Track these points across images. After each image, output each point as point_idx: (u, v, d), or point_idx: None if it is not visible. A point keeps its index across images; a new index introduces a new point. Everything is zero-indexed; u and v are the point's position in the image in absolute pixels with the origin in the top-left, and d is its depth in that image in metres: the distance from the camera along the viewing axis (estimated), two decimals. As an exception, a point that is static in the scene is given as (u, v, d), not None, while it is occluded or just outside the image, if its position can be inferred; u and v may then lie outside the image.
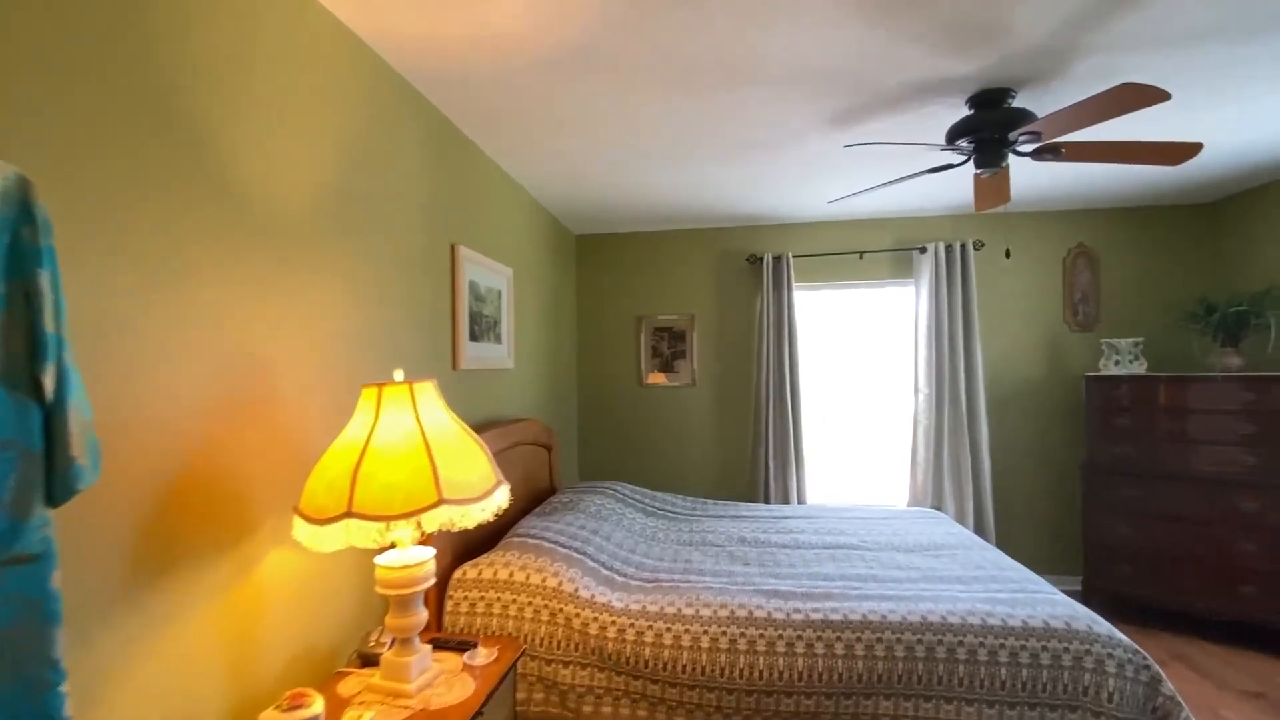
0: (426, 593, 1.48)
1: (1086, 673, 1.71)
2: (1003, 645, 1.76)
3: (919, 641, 1.79)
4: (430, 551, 1.47)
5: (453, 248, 2.40)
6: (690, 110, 2.37)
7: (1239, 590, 3.02)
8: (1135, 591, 3.32)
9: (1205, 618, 3.12)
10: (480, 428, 2.52)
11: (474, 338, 2.55)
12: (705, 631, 1.87)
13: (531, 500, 2.99)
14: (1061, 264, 4.03)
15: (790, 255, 4.06)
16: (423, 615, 1.46)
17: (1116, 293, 3.94)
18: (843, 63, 2.01)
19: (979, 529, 3.82)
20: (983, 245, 3.97)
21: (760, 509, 3.21)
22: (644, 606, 1.95)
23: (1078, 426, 3.91)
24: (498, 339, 2.83)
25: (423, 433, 1.32)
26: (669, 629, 1.88)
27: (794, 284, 4.07)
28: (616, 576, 2.16)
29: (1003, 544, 3.95)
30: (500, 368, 2.88)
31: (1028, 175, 3.26)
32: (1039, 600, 1.95)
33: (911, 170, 3.07)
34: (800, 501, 4.00)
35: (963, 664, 1.75)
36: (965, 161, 2.37)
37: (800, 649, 1.82)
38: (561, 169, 3.03)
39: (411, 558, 1.43)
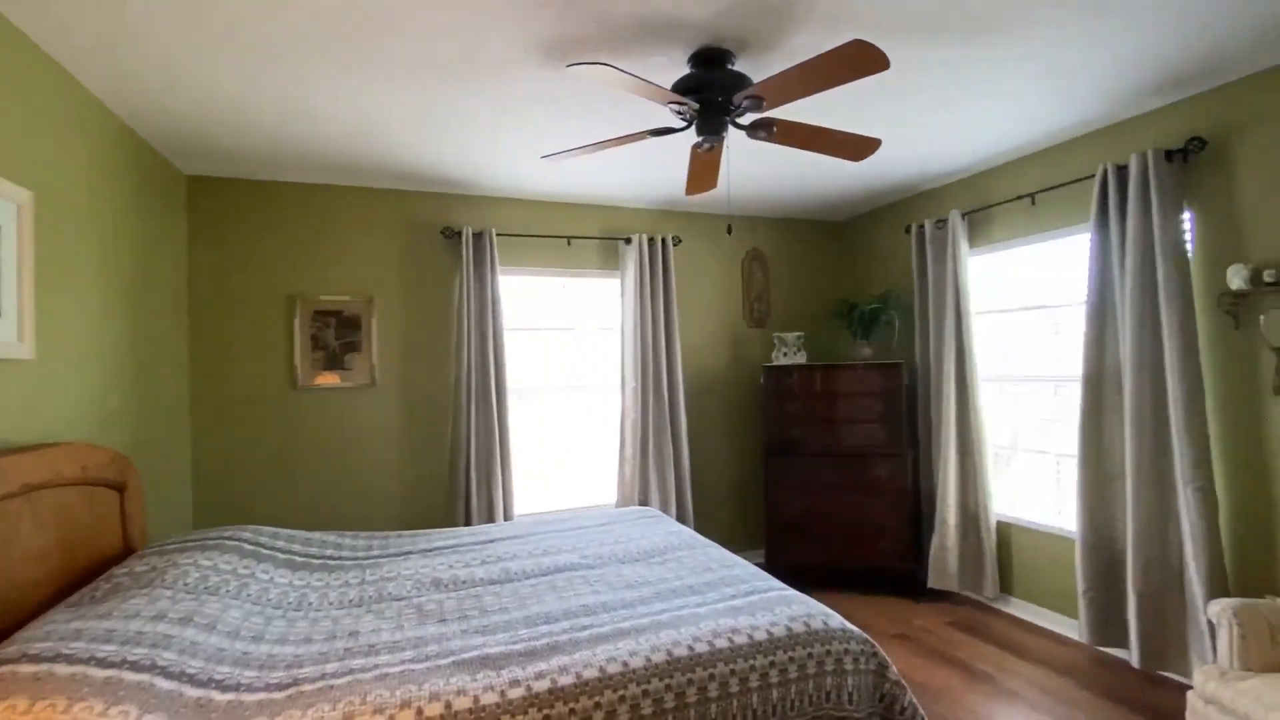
0: None
1: (828, 676, 1.57)
2: (753, 668, 1.51)
3: (668, 688, 1.42)
4: None
5: None
6: (352, -21, 1.64)
7: (878, 545, 3.56)
8: (806, 558, 3.69)
9: (857, 572, 3.61)
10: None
11: (-96, 297, 1.35)
12: (375, 758, 1.19)
13: (74, 580, 1.81)
14: (740, 265, 4.36)
15: (494, 232, 3.52)
16: None
17: (783, 292, 4.43)
18: (565, -48, 1.56)
19: (680, 518, 3.85)
20: (680, 241, 4.04)
21: (462, 535, 2.58)
22: (264, 743, 1.17)
23: (759, 413, 4.26)
24: (-16, 306, 1.62)
25: None
26: (310, 771, 1.14)
27: (499, 266, 3.54)
28: (216, 695, 1.30)
29: (702, 529, 4.07)
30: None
31: (718, 181, 3.36)
32: (774, 600, 1.79)
33: (626, 133, 2.83)
34: (508, 516, 3.48)
35: (715, 703, 1.45)
36: (687, 126, 2.17)
37: (522, 742, 1.28)
38: (140, 53, 1.94)
39: None
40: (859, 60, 1.62)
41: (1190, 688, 2.43)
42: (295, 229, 3.29)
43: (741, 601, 1.79)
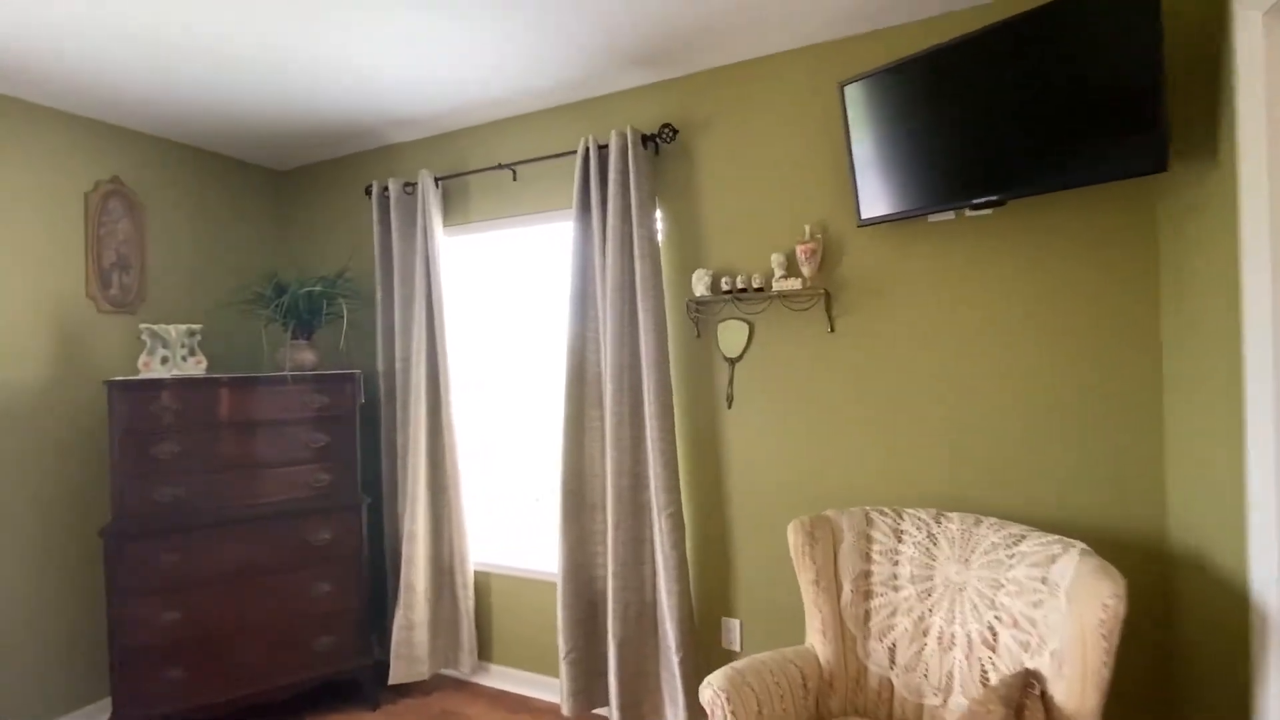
0: None
1: None
2: None
3: None
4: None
5: None
6: None
7: (316, 644, 2.38)
8: (192, 701, 2.19)
9: (285, 696, 2.33)
10: None
11: None
12: None
13: None
14: (84, 203, 2.49)
15: None
16: None
17: (171, 259, 2.75)
18: None
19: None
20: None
21: None
22: None
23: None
24: None
25: None
26: None
27: None
28: None
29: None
30: None
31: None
32: None
33: None
34: None
35: None
36: None
37: None
38: None
39: None
40: None
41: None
42: None
43: None
